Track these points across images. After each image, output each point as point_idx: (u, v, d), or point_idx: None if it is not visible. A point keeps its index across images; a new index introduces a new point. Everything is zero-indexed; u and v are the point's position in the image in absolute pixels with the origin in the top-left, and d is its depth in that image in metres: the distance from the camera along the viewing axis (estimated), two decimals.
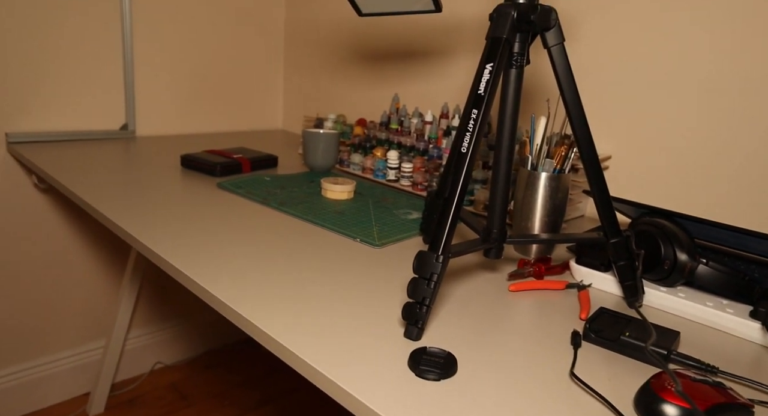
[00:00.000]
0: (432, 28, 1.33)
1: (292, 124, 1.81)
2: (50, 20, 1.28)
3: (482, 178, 0.99)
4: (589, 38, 1.05)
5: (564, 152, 0.78)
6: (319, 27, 1.64)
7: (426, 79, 1.37)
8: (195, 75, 1.58)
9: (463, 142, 0.56)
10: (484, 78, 0.57)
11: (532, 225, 0.79)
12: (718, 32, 0.90)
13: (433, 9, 0.72)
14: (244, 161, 1.15)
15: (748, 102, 0.88)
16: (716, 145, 0.92)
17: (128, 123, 1.45)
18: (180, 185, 1.02)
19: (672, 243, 0.64)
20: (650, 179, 1.01)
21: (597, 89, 1.05)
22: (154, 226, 0.79)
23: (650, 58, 0.98)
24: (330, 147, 1.18)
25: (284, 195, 1.00)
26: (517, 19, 0.59)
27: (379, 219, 0.91)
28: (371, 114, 1.53)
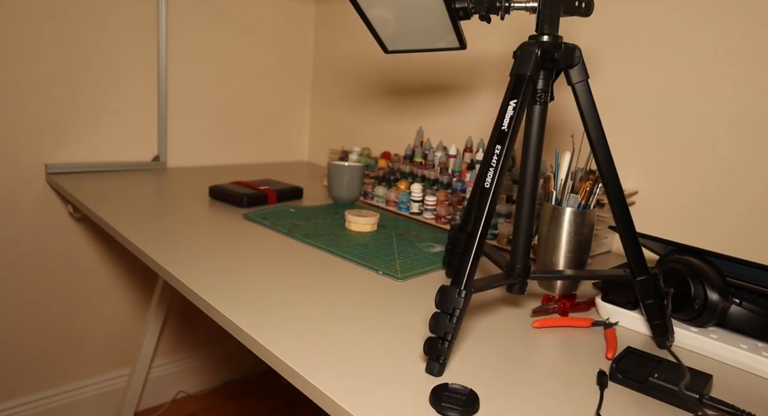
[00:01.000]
0: (456, 64, 1.35)
1: (317, 156, 1.84)
2: (91, 57, 1.35)
3: (506, 212, 0.99)
4: (614, 73, 1.06)
5: (589, 188, 0.78)
6: (346, 63, 1.68)
7: (450, 113, 1.39)
8: (225, 109, 1.63)
9: (487, 177, 0.56)
10: (507, 114, 0.58)
11: (556, 261, 0.78)
12: (748, 64, 0.89)
13: (458, 46, 0.73)
14: (270, 192, 1.17)
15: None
16: (747, 180, 0.90)
17: (160, 155, 1.49)
18: (207, 215, 1.05)
19: (702, 282, 0.63)
20: (679, 215, 0.99)
21: (623, 124, 1.05)
22: (181, 255, 0.81)
23: (677, 92, 0.97)
24: (354, 180, 1.19)
25: (309, 227, 1.01)
26: (540, 57, 0.60)
27: (402, 252, 0.91)
28: (396, 147, 1.55)
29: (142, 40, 1.42)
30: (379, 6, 0.69)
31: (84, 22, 1.32)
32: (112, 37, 1.37)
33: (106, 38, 1.36)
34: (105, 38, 1.36)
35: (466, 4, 0.65)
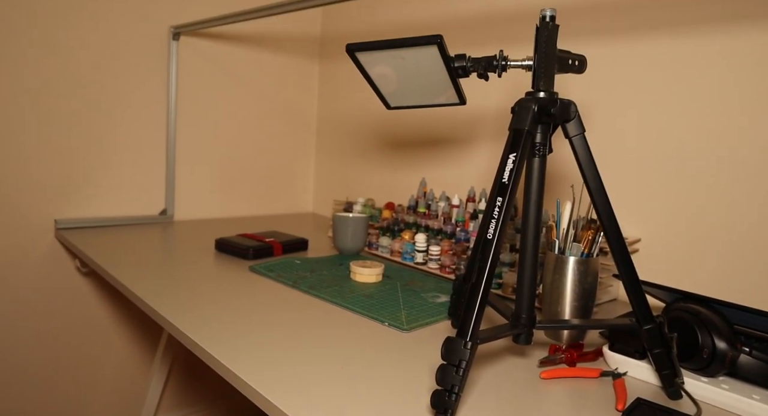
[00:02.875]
0: (456, 117, 1.39)
1: (322, 207, 1.86)
2: (101, 114, 1.39)
3: (510, 261, 0.99)
4: (611, 124, 1.08)
5: (591, 236, 0.79)
6: (350, 116, 1.73)
7: (451, 164, 1.41)
8: (231, 162, 1.66)
9: (489, 228, 0.58)
10: (507, 167, 0.60)
11: (562, 310, 0.78)
12: (748, 112, 0.92)
13: (458, 102, 0.76)
14: (275, 244, 1.19)
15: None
16: (749, 227, 0.91)
17: (167, 208, 1.52)
18: (213, 268, 1.05)
19: (709, 330, 0.63)
20: (682, 262, 0.99)
21: (622, 172, 1.07)
22: (186, 308, 0.81)
23: (675, 141, 1.00)
24: (359, 230, 1.20)
25: (314, 278, 1.02)
26: (537, 112, 0.63)
27: (407, 303, 0.91)
28: (399, 198, 1.57)
29: (153, 97, 1.47)
30: (381, 65, 0.73)
31: (94, 80, 1.37)
32: (123, 95, 1.42)
33: (117, 96, 1.41)
34: (116, 96, 1.41)
35: (465, 63, 0.68)
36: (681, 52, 0.98)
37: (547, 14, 0.64)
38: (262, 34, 1.68)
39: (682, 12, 0.98)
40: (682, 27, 0.98)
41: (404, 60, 0.70)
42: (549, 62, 0.64)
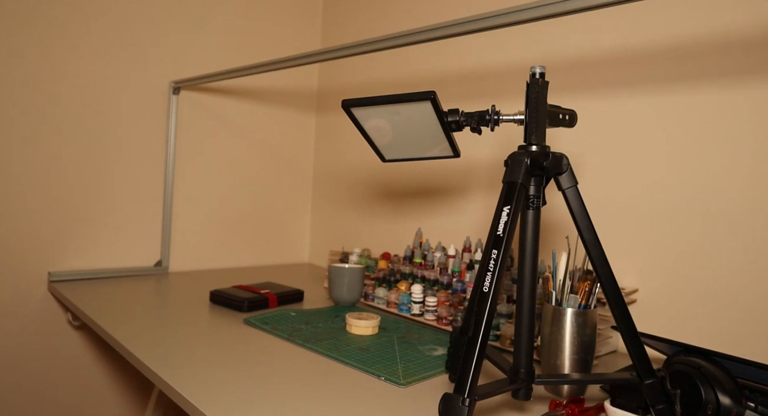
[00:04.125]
0: (450, 169, 1.41)
1: (318, 258, 1.86)
2: (98, 166, 1.41)
3: (507, 312, 0.98)
4: (604, 176, 1.10)
5: (588, 288, 0.78)
6: (346, 168, 1.75)
7: (447, 214, 1.42)
8: (228, 213, 1.67)
9: (485, 281, 0.57)
10: (502, 220, 0.60)
11: (561, 363, 0.76)
12: (743, 162, 0.93)
13: (452, 155, 0.78)
14: (270, 296, 1.17)
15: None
16: (750, 278, 0.91)
17: (162, 260, 1.51)
18: (207, 321, 1.04)
19: (712, 386, 0.62)
20: (681, 313, 0.98)
21: (617, 223, 1.08)
22: (178, 363, 0.79)
23: (668, 192, 1.01)
24: (355, 282, 1.19)
25: (309, 331, 1.00)
26: (530, 166, 0.64)
27: (404, 356, 0.89)
28: (395, 248, 1.57)
29: (151, 149, 1.49)
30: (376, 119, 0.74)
31: (92, 131, 1.40)
32: (121, 147, 1.44)
33: (115, 147, 1.43)
34: (113, 147, 1.43)
35: (458, 117, 0.70)
36: (671, 106, 1.01)
37: (537, 71, 0.66)
38: (261, 88, 1.73)
39: (670, 68, 1.01)
40: (671, 83, 1.01)
41: (399, 115, 0.72)
42: (540, 117, 0.66)
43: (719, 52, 0.95)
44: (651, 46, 1.03)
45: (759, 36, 0.90)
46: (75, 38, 1.34)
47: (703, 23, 0.96)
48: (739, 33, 0.92)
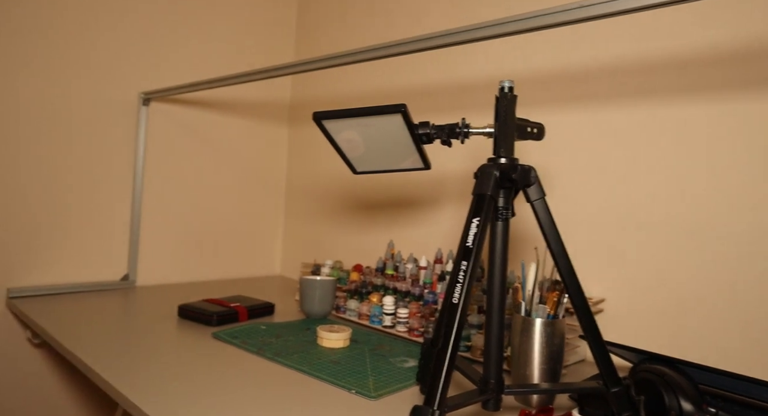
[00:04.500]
0: (422, 181, 1.42)
1: (290, 270, 1.84)
2: (64, 177, 1.37)
3: (478, 323, 0.99)
4: (572, 188, 1.12)
5: (556, 298, 0.80)
6: (318, 180, 1.75)
7: (418, 225, 1.43)
8: (198, 226, 1.64)
9: (455, 292, 0.58)
10: (471, 231, 0.61)
11: (530, 373, 0.77)
12: (708, 173, 0.96)
13: (423, 167, 0.78)
14: (241, 309, 1.16)
15: (745, 241, 0.91)
16: (712, 287, 0.94)
17: (129, 273, 1.47)
18: (175, 336, 1.02)
19: (675, 392, 0.63)
20: (646, 321, 1.01)
21: (585, 234, 1.10)
22: (144, 381, 0.77)
23: (634, 203, 1.04)
24: (326, 294, 1.19)
25: (279, 344, 0.99)
26: (499, 178, 0.65)
27: (375, 368, 0.89)
28: (367, 260, 1.57)
29: (119, 160, 1.46)
30: (347, 131, 0.75)
31: (57, 144, 1.36)
32: (87, 159, 1.41)
33: (80, 159, 1.40)
34: (78, 159, 1.40)
35: (428, 130, 0.71)
36: (637, 121, 1.04)
37: (506, 85, 0.67)
38: (233, 99, 1.71)
39: (636, 83, 1.04)
40: (636, 97, 1.04)
41: (370, 128, 0.72)
42: (509, 130, 0.67)
43: (683, 68, 0.98)
44: (616, 62, 1.07)
45: (717, 54, 0.94)
46: (40, 50, 1.31)
47: (667, 40, 1.00)
48: (701, 50, 0.96)
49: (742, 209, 0.90)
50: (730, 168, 0.92)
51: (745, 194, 0.90)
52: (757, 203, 0.89)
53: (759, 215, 0.89)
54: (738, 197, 0.91)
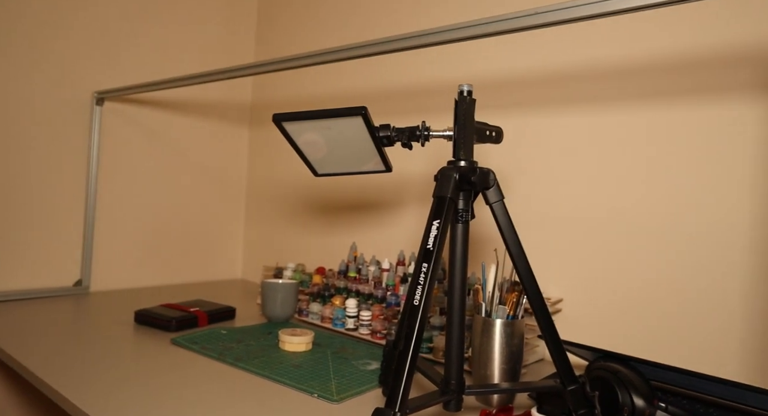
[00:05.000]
0: (384, 183, 1.43)
1: (251, 273, 1.82)
2: (13, 178, 1.32)
3: (439, 324, 1.00)
4: (530, 190, 1.15)
5: (516, 299, 0.81)
6: (280, 182, 1.73)
7: (381, 227, 1.43)
8: (156, 228, 1.60)
9: (416, 295, 0.58)
10: (431, 234, 0.61)
11: (491, 373, 0.78)
12: (660, 176, 1.00)
13: (384, 169, 0.79)
14: (200, 314, 1.13)
15: (693, 243, 0.95)
16: (665, 287, 0.97)
17: (83, 279, 1.42)
18: (132, 343, 0.99)
19: (628, 389, 0.65)
20: (602, 320, 1.04)
21: (543, 235, 1.12)
22: (97, 391, 0.75)
23: (591, 205, 1.07)
24: (289, 297, 1.18)
25: (240, 349, 0.98)
26: (459, 180, 0.65)
27: (337, 372, 0.89)
28: (330, 262, 1.56)
29: (71, 162, 1.41)
30: (308, 133, 0.74)
31: (7, 143, 1.31)
32: (35, 159, 1.36)
33: (28, 160, 1.35)
34: (26, 161, 1.34)
35: (389, 133, 0.71)
36: (594, 124, 1.07)
37: (465, 89, 0.68)
38: (192, 100, 1.68)
39: (594, 88, 1.07)
40: (594, 102, 1.07)
41: (330, 130, 0.72)
42: (468, 133, 0.68)
43: (640, 73, 1.02)
44: (569, 68, 1.09)
45: (672, 61, 0.98)
46: None
47: (617, 48, 1.03)
48: (654, 57, 1.00)
49: (692, 212, 0.94)
50: (679, 172, 0.96)
51: (694, 197, 0.94)
52: (705, 205, 0.93)
53: (707, 217, 0.93)
54: (688, 200, 0.95)
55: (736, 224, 0.90)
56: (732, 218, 0.90)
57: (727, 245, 0.90)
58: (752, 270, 0.88)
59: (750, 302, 0.88)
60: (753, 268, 0.88)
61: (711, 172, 0.93)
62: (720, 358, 0.91)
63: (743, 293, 0.89)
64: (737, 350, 0.89)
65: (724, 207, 0.91)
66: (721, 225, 0.91)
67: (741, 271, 0.89)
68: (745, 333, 0.89)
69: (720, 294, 0.91)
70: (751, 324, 0.88)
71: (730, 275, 0.90)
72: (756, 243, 0.88)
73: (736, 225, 0.90)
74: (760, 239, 0.88)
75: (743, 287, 0.89)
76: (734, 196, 0.90)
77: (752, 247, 0.88)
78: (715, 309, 0.91)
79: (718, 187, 0.92)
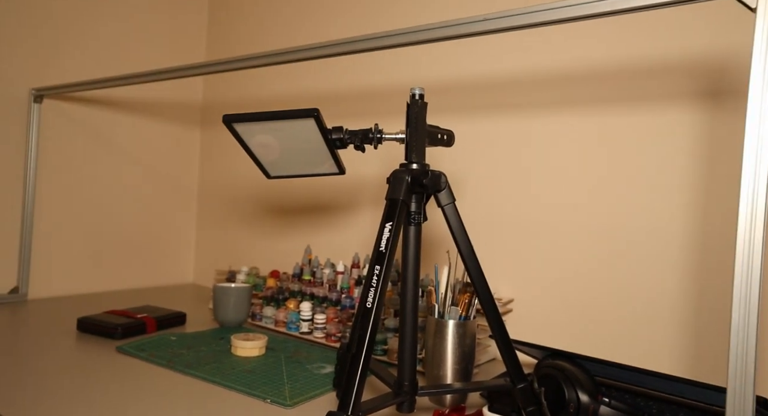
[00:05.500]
0: (338, 185, 1.43)
1: (203, 278, 1.77)
2: None
3: (394, 326, 1.00)
4: (482, 192, 1.17)
5: (468, 300, 0.82)
6: (233, 184, 1.70)
7: (336, 230, 1.43)
8: (102, 232, 1.54)
9: (368, 297, 0.58)
10: (384, 236, 0.61)
11: (444, 374, 0.79)
12: (604, 179, 1.03)
13: (337, 172, 0.78)
14: (148, 320, 1.10)
15: (635, 243, 0.99)
16: (611, 286, 1.01)
17: (20, 286, 1.35)
18: (74, 353, 0.95)
19: (574, 386, 0.67)
20: (552, 319, 1.07)
21: (495, 237, 1.15)
22: (34, 406, 0.71)
23: (539, 207, 1.09)
24: (241, 301, 1.16)
25: (191, 356, 0.95)
26: (411, 183, 0.66)
27: (291, 376, 0.88)
28: (284, 265, 1.54)
29: (6, 162, 1.34)
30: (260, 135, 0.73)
31: None
32: None
33: None
34: None
35: (342, 135, 0.71)
36: (544, 128, 1.10)
37: (417, 92, 0.69)
38: (140, 99, 1.63)
39: (543, 94, 1.10)
40: (543, 107, 1.10)
41: (283, 132, 0.71)
42: (419, 136, 0.69)
43: (584, 81, 1.05)
44: (521, 73, 1.12)
45: (611, 70, 1.01)
46: None
47: (567, 56, 1.07)
48: (595, 66, 1.03)
49: (633, 213, 0.98)
50: (621, 175, 1.00)
51: (634, 199, 0.98)
52: (645, 206, 0.97)
53: (646, 218, 0.97)
54: (629, 202, 0.99)
55: (672, 224, 0.94)
56: (669, 219, 0.95)
57: (665, 244, 0.95)
58: (688, 269, 0.93)
59: (684, 299, 0.93)
60: (688, 266, 0.93)
61: (650, 174, 0.97)
62: (658, 353, 0.95)
63: (680, 290, 0.93)
64: (674, 345, 0.93)
65: (661, 208, 0.95)
66: (659, 225, 0.96)
67: (678, 270, 0.94)
68: (679, 328, 0.93)
69: (658, 292, 0.95)
70: (685, 320, 0.93)
71: (669, 273, 0.94)
72: (690, 242, 0.93)
73: (673, 225, 0.94)
74: (693, 238, 0.92)
75: (680, 285, 0.93)
76: (670, 197, 0.95)
77: (688, 246, 0.93)
78: (653, 306, 0.96)
79: (656, 189, 0.96)
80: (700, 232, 0.92)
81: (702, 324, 0.92)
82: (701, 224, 0.92)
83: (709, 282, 0.91)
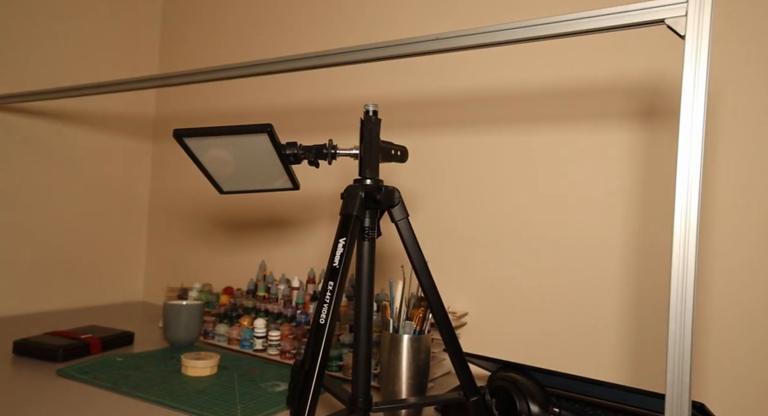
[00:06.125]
0: (293, 200, 1.42)
1: (154, 295, 1.72)
2: None
3: (350, 342, 1.00)
4: (436, 207, 1.19)
5: (422, 314, 0.83)
6: (185, 198, 1.66)
7: (291, 245, 1.42)
8: (41, 247, 1.48)
9: (321, 313, 0.58)
10: (338, 252, 0.61)
11: (399, 389, 0.79)
12: (558, 194, 1.07)
13: (291, 187, 0.78)
14: (93, 341, 1.06)
15: (583, 257, 1.02)
16: (562, 299, 1.04)
17: None
18: (9, 378, 0.90)
19: (525, 397, 0.68)
20: (505, 332, 1.08)
21: (448, 251, 1.16)
22: None
23: (492, 221, 1.12)
24: (193, 319, 1.13)
25: (138, 377, 0.92)
26: (365, 198, 0.66)
27: (244, 395, 0.86)
28: (239, 282, 1.52)
29: None
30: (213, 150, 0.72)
31: None
32: None
33: None
34: None
35: (296, 150, 0.71)
36: (499, 144, 1.13)
37: (370, 109, 0.70)
38: (89, 111, 1.58)
39: (499, 110, 1.13)
40: (493, 123, 1.13)
41: (235, 147, 0.70)
42: (373, 152, 0.69)
43: (535, 99, 1.09)
44: (475, 90, 1.15)
45: (561, 89, 1.05)
46: None
47: (519, 75, 1.10)
48: (545, 85, 1.07)
49: (578, 228, 1.02)
50: (568, 189, 1.03)
51: (580, 214, 1.02)
52: (589, 221, 1.01)
53: (591, 234, 1.00)
54: (574, 217, 1.02)
55: (612, 239, 0.98)
56: (609, 233, 0.99)
57: (606, 258, 0.98)
58: (627, 281, 0.97)
59: (625, 310, 0.97)
60: (628, 279, 0.97)
61: (591, 190, 1.01)
62: (603, 362, 0.98)
63: (620, 303, 0.97)
64: (618, 354, 0.97)
65: (602, 223, 0.99)
66: (601, 240, 0.99)
67: (618, 282, 0.97)
68: (621, 338, 0.97)
69: (601, 304, 0.99)
70: (626, 331, 0.96)
71: (610, 286, 0.98)
72: (629, 256, 0.97)
73: (613, 239, 0.98)
74: (632, 251, 0.96)
75: (620, 297, 0.97)
76: (610, 212, 0.99)
77: (627, 259, 0.97)
78: (597, 318, 0.99)
79: (597, 204, 1.00)
80: (638, 246, 0.96)
81: (642, 334, 0.95)
82: (639, 238, 0.96)
83: (647, 295, 0.95)
